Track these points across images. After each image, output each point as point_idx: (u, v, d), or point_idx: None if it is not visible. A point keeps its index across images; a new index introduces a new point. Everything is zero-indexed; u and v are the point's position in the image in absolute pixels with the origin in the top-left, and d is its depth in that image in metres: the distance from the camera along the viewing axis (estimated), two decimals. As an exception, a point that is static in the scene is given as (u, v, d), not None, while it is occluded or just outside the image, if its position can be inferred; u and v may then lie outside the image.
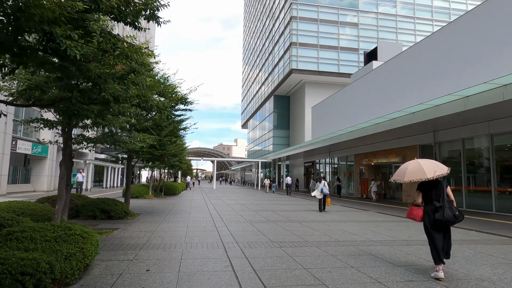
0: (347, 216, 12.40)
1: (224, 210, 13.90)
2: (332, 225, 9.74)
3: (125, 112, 6.51)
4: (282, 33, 50.10)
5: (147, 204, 16.01)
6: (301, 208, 15.47)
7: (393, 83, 22.03)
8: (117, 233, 7.66)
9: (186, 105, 11.35)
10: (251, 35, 79.53)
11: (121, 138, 8.29)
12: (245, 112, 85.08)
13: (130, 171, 11.25)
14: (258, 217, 11.43)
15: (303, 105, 47.80)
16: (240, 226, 9.28)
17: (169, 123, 10.15)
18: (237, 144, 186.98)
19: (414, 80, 19.80)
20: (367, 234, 8.25)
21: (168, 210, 13.38)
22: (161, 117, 10.07)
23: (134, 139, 8.38)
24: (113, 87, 4.04)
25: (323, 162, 34.85)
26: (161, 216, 11.08)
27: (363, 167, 25.88)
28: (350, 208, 16.32)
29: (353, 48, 47.66)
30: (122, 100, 4.38)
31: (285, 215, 12.22)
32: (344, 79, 45.35)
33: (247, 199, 21.90)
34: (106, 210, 9.93)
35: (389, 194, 23.52)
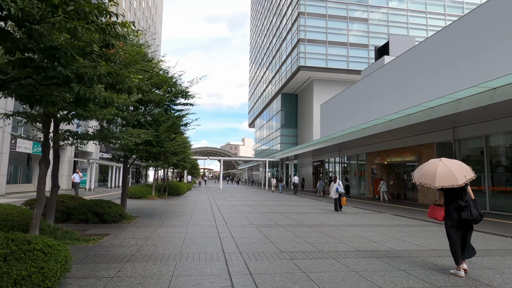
0: (362, 219, 11.39)
1: (229, 212, 12.99)
2: (348, 230, 8.76)
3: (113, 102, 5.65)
4: (290, 29, 49.05)
5: (148, 205, 15.19)
6: (311, 210, 14.49)
7: (408, 77, 20.89)
8: (106, 240, 6.79)
9: (187, 99, 10.47)
10: (258, 33, 78.58)
11: (113, 134, 7.42)
12: (252, 111, 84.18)
13: (126, 170, 10.40)
14: (265, 221, 10.49)
15: (311, 103, 46.72)
16: (245, 231, 8.36)
17: (167, 118, 9.26)
18: (244, 143, 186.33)
19: (432, 73, 18.65)
20: (390, 242, 7.25)
21: (169, 212, 12.52)
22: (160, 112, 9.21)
23: (127, 135, 7.50)
24: (76, 61, 3.17)
25: (332, 161, 33.75)
26: (160, 219, 10.22)
27: (375, 166, 24.77)
28: (363, 210, 15.29)
29: (362, 44, 46.40)
30: (88, 79, 3.47)
31: (295, 218, 11.25)
32: (353, 76, 44.16)
33: (254, 199, 20.98)
34: (99, 213, 9.09)
35: (402, 194, 22.38)
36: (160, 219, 10.39)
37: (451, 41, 17.46)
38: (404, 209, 15.79)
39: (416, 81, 19.91)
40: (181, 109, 10.71)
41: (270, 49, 62.62)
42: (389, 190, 23.74)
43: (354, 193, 27.88)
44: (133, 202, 16.71)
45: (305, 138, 47.93)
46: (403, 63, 21.69)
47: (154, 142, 9.06)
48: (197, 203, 16.95)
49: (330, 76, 45.35)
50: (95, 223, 9.06)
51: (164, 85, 9.61)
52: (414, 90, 19.95)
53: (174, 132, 9.95)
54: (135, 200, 17.72)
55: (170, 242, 6.76)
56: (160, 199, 19.18)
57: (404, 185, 22.18)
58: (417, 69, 20.06)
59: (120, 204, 10.48)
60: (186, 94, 10.21)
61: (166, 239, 7.08)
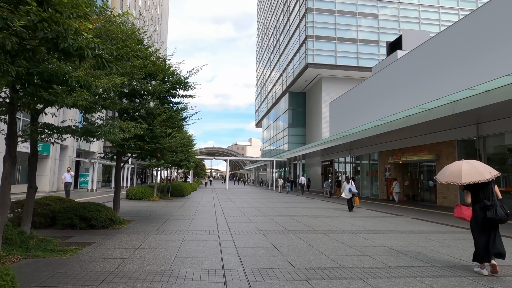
0: (381, 224, 10.21)
1: (234, 215, 11.91)
2: (369, 238, 7.61)
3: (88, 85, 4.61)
4: (298, 26, 47.87)
5: (148, 207, 14.19)
6: (323, 213, 13.33)
7: (426, 70, 19.59)
8: (86, 252, 5.75)
9: (186, 90, 9.41)
10: (265, 32, 77.50)
11: (96, 128, 6.39)
12: (259, 111, 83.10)
13: (119, 169, 9.38)
14: (274, 226, 9.38)
15: (319, 101, 45.47)
16: (250, 239, 7.26)
17: (163, 111, 8.20)
18: (252, 144, 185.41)
19: (454, 64, 17.35)
20: (423, 254, 6.09)
21: (168, 215, 11.48)
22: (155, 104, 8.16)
23: (113, 128, 6.47)
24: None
25: (342, 161, 32.47)
26: (156, 224, 9.18)
27: (388, 165, 23.48)
28: (380, 212, 14.07)
29: (372, 40, 45.02)
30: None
31: (306, 223, 10.12)
32: (363, 73, 42.80)
33: (261, 201, 19.87)
34: (86, 217, 8.07)
35: (418, 196, 21.06)
36: (157, 223, 9.34)
37: (476, 29, 16.15)
38: (424, 212, 14.54)
39: (436, 74, 18.60)
40: (180, 102, 9.67)
41: (277, 47, 61.48)
42: (404, 191, 22.46)
43: (366, 194, 26.60)
44: (132, 204, 15.74)
45: (313, 138, 46.69)
46: (420, 56, 20.39)
47: (148, 138, 8.01)
48: (201, 205, 15.91)
49: (339, 73, 44.05)
50: (82, 229, 8.06)
51: (159, 74, 8.56)
52: (433, 83, 18.66)
53: (171, 127, 8.90)
54: (135, 202, 16.75)
55: (160, 254, 5.69)
56: (162, 201, 18.18)
57: (421, 186, 20.87)
58: (437, 61, 18.76)
59: (113, 207, 9.47)
60: (185, 84, 9.14)
61: (157, 250, 6.02)
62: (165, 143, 8.24)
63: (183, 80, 8.99)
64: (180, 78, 8.96)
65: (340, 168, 33.29)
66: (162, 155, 8.89)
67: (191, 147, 21.63)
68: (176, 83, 9.04)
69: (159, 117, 8.00)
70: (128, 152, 7.96)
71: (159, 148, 8.32)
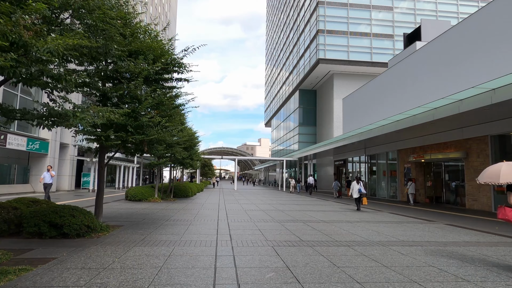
0: (413, 232, 8.56)
1: (239, 220, 10.39)
2: (407, 253, 5.99)
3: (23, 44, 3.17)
4: (308, 21, 46.16)
5: (145, 210, 12.77)
6: (340, 217, 11.70)
7: (455, 57, 17.77)
8: (33, 274, 4.29)
9: (181, 73, 7.92)
10: (274, 29, 75.91)
11: (58, 111, 4.93)
12: (268, 110, 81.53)
13: (103, 167, 7.94)
14: (285, 234, 7.82)
15: (331, 98, 43.68)
16: (256, 254, 5.73)
17: (150, 95, 6.69)
18: (261, 144, 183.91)
19: (492, 47, 15.53)
20: (487, 282, 4.47)
21: (163, 219, 10.03)
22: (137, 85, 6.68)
23: (81, 113, 5.00)
24: None
25: (357, 160, 30.66)
26: (144, 231, 7.71)
27: (408, 165, 21.65)
28: (405, 217, 12.36)
29: (387, 34, 43.07)
30: None
31: (324, 230, 8.53)
32: (377, 69, 40.92)
33: (270, 202, 18.31)
34: (57, 224, 6.65)
35: (443, 197, 19.21)
36: (146, 230, 7.88)
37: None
38: (455, 217, 12.79)
39: (468, 60, 16.75)
40: (174, 86, 8.15)
41: (287, 44, 59.83)
42: (426, 192, 20.63)
43: (383, 196, 24.79)
44: (129, 205, 14.36)
45: (324, 136, 44.91)
46: (447, 42, 18.57)
47: (131, 128, 6.54)
48: (204, 207, 14.43)
49: (351, 69, 42.20)
50: (52, 238, 6.64)
51: (148, 52, 7.09)
52: (465, 71, 16.85)
53: (161, 116, 7.41)
54: (133, 204, 15.38)
55: (132, 279, 4.20)
56: (163, 202, 16.77)
57: (446, 186, 19.02)
58: (469, 45, 16.93)
59: (94, 211, 8.03)
60: (180, 65, 7.65)
61: (130, 271, 4.52)
62: (153, 134, 6.75)
63: (177, 60, 7.50)
64: (173, 57, 7.47)
65: (354, 168, 31.48)
66: (149, 149, 7.42)
67: (195, 144, 20.20)
68: (168, 64, 7.55)
69: (145, 102, 6.51)
70: (106, 144, 6.52)
71: (146, 140, 6.84)
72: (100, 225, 7.53)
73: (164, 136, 7.17)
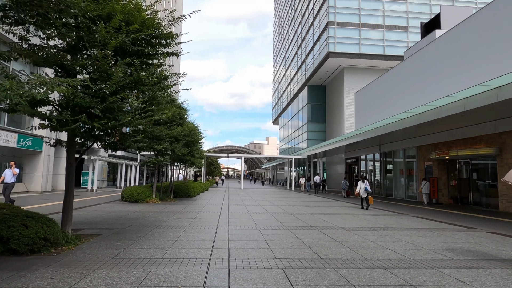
0: (459, 245, 6.86)
1: (242, 227, 8.80)
2: (473, 284, 4.33)
3: None
4: (317, 13, 44.32)
5: (137, 213, 11.26)
6: (360, 223, 10.02)
7: (491, 39, 15.87)
8: None
9: (167, 46, 6.33)
10: (282, 24, 74.10)
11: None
12: (276, 107, 79.74)
13: (72, 162, 6.41)
14: (299, 248, 6.21)
15: (341, 94, 41.81)
16: (260, 283, 4.13)
17: (122, 70, 5.07)
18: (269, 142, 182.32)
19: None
20: None
21: (154, 225, 8.49)
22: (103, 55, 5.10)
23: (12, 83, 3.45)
24: None
25: (370, 158, 28.83)
26: (123, 244, 6.17)
27: (429, 162, 19.82)
28: (435, 222, 10.62)
29: (400, 26, 41.01)
30: None
31: (346, 242, 6.89)
32: (390, 62, 38.92)
33: (278, 204, 16.69)
34: (2, 237, 5.15)
35: (470, 198, 17.35)
36: (126, 242, 6.34)
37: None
38: (494, 222, 11.01)
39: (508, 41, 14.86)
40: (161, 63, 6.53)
41: (295, 39, 58.01)
42: (450, 192, 18.80)
43: (400, 196, 22.97)
44: (121, 208, 12.89)
45: (334, 134, 43.04)
46: (477, 26, 16.68)
47: (98, 111, 4.98)
48: (204, 210, 12.88)
49: (363, 63, 40.26)
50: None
51: (119, 14, 5.50)
52: (503, 55, 14.97)
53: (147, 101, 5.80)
54: (126, 205, 13.91)
55: None
56: (161, 203, 15.28)
57: (473, 186, 17.16)
58: (505, 27, 15.06)
59: (62, 217, 6.51)
60: (163, 36, 6.07)
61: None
62: (126, 120, 5.17)
63: (157, 25, 5.90)
64: (155, 24, 5.87)
65: (368, 166, 29.65)
66: (124, 139, 5.85)
67: (197, 140, 18.67)
68: (151, 35, 5.97)
69: (115, 76, 4.92)
70: (62, 130, 4.98)
71: (117, 128, 5.29)
72: (67, 237, 6.02)
73: (140, 124, 5.57)
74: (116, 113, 5.23)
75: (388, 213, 13.32)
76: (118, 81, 5.00)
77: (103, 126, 5.04)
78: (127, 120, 5.17)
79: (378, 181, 27.15)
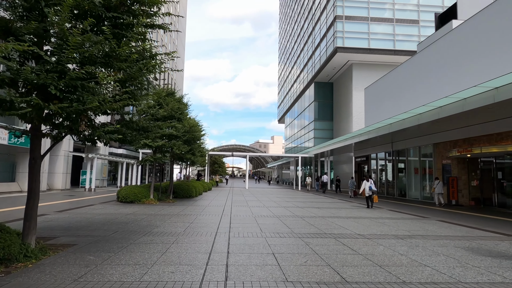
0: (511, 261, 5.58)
1: (245, 234, 7.58)
2: None
3: None
4: (325, 7, 42.93)
5: (129, 216, 10.09)
6: (380, 228, 8.74)
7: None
8: None
9: (153, 15, 5.13)
10: (288, 21, 72.72)
11: None
12: (282, 106, 78.41)
13: (36, 158, 5.23)
14: (315, 266, 4.97)
15: (349, 91, 40.39)
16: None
17: (86, 37, 3.86)
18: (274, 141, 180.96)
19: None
20: None
21: (141, 232, 7.30)
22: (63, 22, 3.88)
23: None
24: None
25: (382, 157, 27.44)
26: (97, 258, 4.99)
27: (448, 161, 18.42)
28: (467, 228, 9.29)
29: (411, 20, 39.48)
30: None
31: (371, 256, 5.63)
32: (400, 58, 37.38)
33: (286, 205, 15.44)
34: None
35: (495, 200, 15.93)
36: (102, 254, 5.16)
37: None
38: (533, 228, 9.65)
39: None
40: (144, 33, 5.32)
41: (302, 35, 56.63)
42: (471, 193, 17.41)
43: (415, 197, 21.58)
44: (114, 209, 11.74)
45: (342, 132, 41.63)
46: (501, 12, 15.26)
47: (56, 89, 3.78)
48: (204, 212, 11.69)
49: (372, 58, 38.80)
50: None
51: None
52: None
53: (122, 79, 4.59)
54: (121, 207, 12.77)
55: None
56: (159, 204, 14.12)
57: (498, 187, 15.76)
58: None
59: (24, 226, 5.32)
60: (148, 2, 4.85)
61: None
62: (93, 104, 3.94)
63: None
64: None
65: (379, 165, 28.26)
66: (92, 127, 4.62)
67: (198, 138, 17.49)
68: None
69: (73, 41, 3.69)
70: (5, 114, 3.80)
71: (83, 112, 4.08)
72: (26, 250, 4.84)
73: (111, 108, 4.33)
74: (80, 93, 4.04)
75: (407, 216, 12.01)
76: (81, 51, 3.79)
77: (62, 110, 3.85)
78: (95, 104, 3.97)
79: (389, 181, 25.79)
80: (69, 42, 3.75)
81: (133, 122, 6.00)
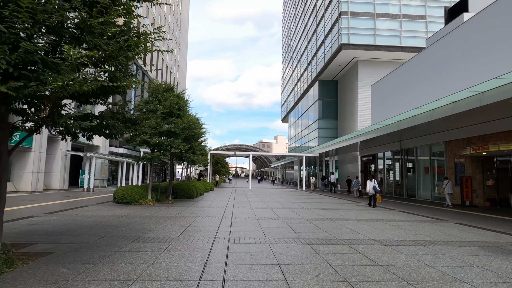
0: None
1: (246, 240, 6.78)
2: None
3: None
4: (329, 4, 42.03)
5: (122, 218, 9.33)
6: (396, 233, 7.90)
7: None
8: None
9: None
10: (291, 19, 71.84)
11: None
12: (285, 105, 77.52)
13: (3, 154, 4.50)
14: (329, 281, 4.18)
15: (354, 89, 39.49)
16: None
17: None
18: (277, 141, 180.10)
19: None
20: None
21: (131, 238, 6.53)
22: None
23: None
24: None
25: (389, 156, 26.53)
26: (70, 272, 4.22)
27: (461, 159, 17.52)
28: (492, 232, 8.43)
29: (418, 15, 38.54)
30: None
31: (394, 267, 4.82)
32: (407, 54, 36.41)
33: (291, 206, 14.63)
34: None
35: None
36: (78, 267, 4.39)
37: None
38: None
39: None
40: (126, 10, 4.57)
41: (305, 33, 55.75)
42: (486, 193, 16.51)
43: (425, 197, 20.67)
44: (108, 211, 10.99)
45: (347, 130, 40.72)
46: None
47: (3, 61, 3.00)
48: (203, 214, 10.91)
49: (378, 55, 37.88)
50: None
51: None
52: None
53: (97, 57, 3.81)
54: (116, 208, 12.02)
55: None
56: (157, 206, 13.36)
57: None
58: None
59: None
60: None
61: None
62: (57, 84, 3.17)
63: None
64: None
65: (386, 164, 27.36)
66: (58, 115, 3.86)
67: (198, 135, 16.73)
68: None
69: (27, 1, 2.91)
70: None
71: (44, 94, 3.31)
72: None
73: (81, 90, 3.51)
74: (41, 71, 3.27)
75: (422, 218, 11.16)
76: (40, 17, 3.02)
77: (17, 92, 3.08)
78: (57, 84, 3.19)
79: (398, 180, 24.89)
80: (22, 2, 2.98)
81: (119, 114, 5.24)
